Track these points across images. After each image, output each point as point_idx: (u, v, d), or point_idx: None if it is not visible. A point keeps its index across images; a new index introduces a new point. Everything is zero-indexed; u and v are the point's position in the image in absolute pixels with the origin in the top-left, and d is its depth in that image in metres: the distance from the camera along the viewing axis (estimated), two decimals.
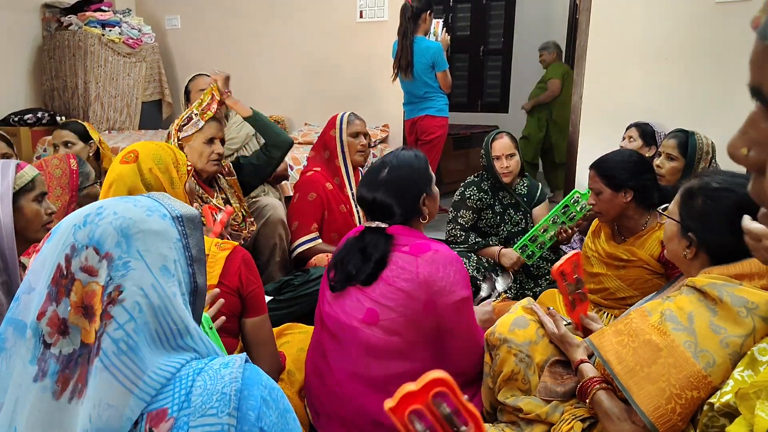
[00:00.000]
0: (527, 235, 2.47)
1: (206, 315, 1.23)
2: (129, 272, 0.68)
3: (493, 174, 2.57)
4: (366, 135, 2.62)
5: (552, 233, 2.41)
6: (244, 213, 2.28)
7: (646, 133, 2.83)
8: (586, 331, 1.51)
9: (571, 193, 2.41)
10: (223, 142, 2.22)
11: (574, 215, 2.38)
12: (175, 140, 2.15)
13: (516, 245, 2.49)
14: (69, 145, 2.54)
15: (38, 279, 0.69)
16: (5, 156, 2.68)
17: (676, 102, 3.13)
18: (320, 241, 2.49)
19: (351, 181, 2.61)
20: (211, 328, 1.24)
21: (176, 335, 0.70)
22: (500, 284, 1.89)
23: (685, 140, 2.34)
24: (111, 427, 0.63)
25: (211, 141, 2.16)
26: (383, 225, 1.48)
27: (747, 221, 1.08)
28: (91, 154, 2.58)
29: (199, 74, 2.77)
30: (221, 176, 2.31)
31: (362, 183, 1.55)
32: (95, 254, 0.68)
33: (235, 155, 2.72)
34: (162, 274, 0.71)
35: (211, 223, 1.84)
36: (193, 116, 2.14)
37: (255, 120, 2.43)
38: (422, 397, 0.73)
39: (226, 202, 2.22)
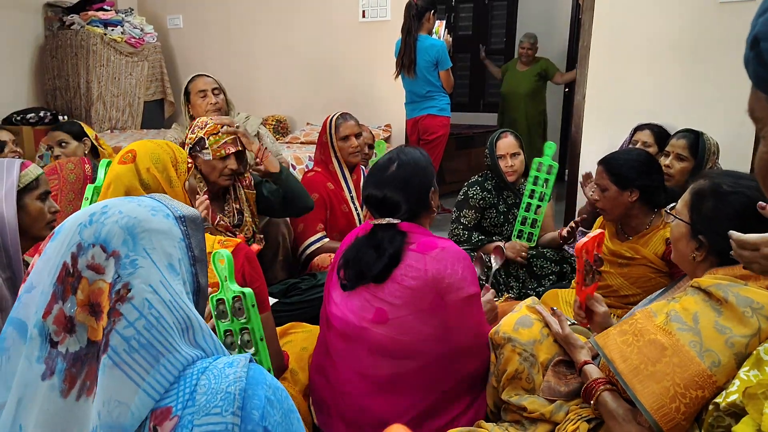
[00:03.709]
0: (517, 221, 2.56)
1: (250, 290, 1.23)
2: (137, 270, 0.68)
3: (497, 173, 2.57)
4: (359, 135, 2.60)
5: (537, 206, 2.53)
6: (254, 229, 2.25)
7: (661, 137, 2.69)
8: (589, 312, 1.51)
9: (533, 164, 2.53)
10: (240, 156, 2.09)
11: (547, 180, 2.51)
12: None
13: (513, 235, 2.57)
14: (63, 144, 2.57)
15: (41, 278, 0.69)
16: (4, 143, 2.77)
17: (679, 102, 3.13)
18: (327, 240, 2.49)
19: (348, 183, 2.60)
20: (253, 306, 1.24)
21: (185, 331, 0.70)
22: (494, 262, 1.90)
23: (696, 141, 2.31)
24: (120, 424, 0.63)
25: (225, 157, 2.05)
26: (395, 221, 1.47)
27: (737, 234, 1.07)
28: (86, 152, 2.60)
29: (199, 75, 2.74)
30: (240, 186, 2.22)
31: (369, 181, 1.54)
32: (102, 252, 0.68)
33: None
34: (169, 272, 0.71)
35: None
36: (205, 149, 2.02)
37: (281, 178, 2.21)
38: None
39: (240, 213, 2.19)
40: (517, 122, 4.99)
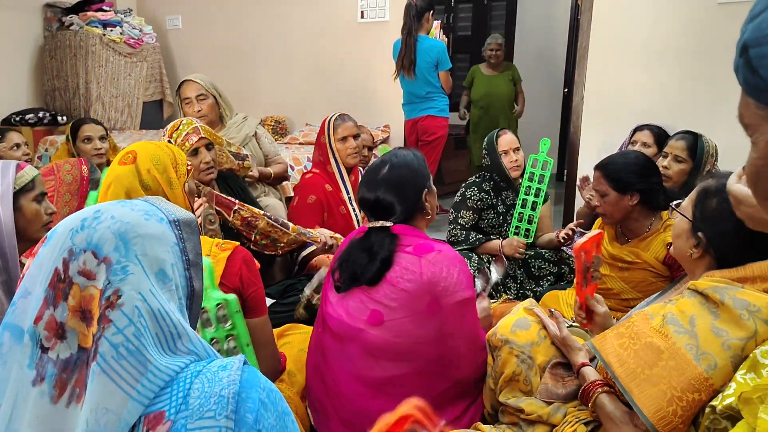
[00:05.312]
0: (514, 218, 2.58)
1: (233, 297, 1.23)
2: (128, 276, 0.68)
3: (499, 171, 2.57)
4: (357, 136, 2.59)
5: (533, 202, 2.56)
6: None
7: (661, 137, 2.65)
8: (589, 313, 1.51)
9: (528, 160, 2.57)
10: (210, 147, 2.10)
11: (543, 177, 2.55)
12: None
13: (510, 232, 2.58)
14: (102, 138, 2.66)
15: (35, 283, 0.69)
16: (18, 146, 2.82)
17: (678, 103, 3.13)
18: None
19: (346, 184, 2.60)
20: (237, 312, 1.24)
21: (174, 338, 0.70)
22: (495, 273, 1.87)
23: (694, 143, 2.30)
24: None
25: (195, 152, 2.05)
26: (388, 224, 1.47)
27: (733, 181, 1.04)
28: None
29: (186, 80, 2.68)
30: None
31: (362, 183, 1.54)
32: (94, 258, 0.68)
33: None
34: (159, 279, 0.70)
35: None
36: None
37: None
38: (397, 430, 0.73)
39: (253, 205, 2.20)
40: (498, 126, 4.85)
